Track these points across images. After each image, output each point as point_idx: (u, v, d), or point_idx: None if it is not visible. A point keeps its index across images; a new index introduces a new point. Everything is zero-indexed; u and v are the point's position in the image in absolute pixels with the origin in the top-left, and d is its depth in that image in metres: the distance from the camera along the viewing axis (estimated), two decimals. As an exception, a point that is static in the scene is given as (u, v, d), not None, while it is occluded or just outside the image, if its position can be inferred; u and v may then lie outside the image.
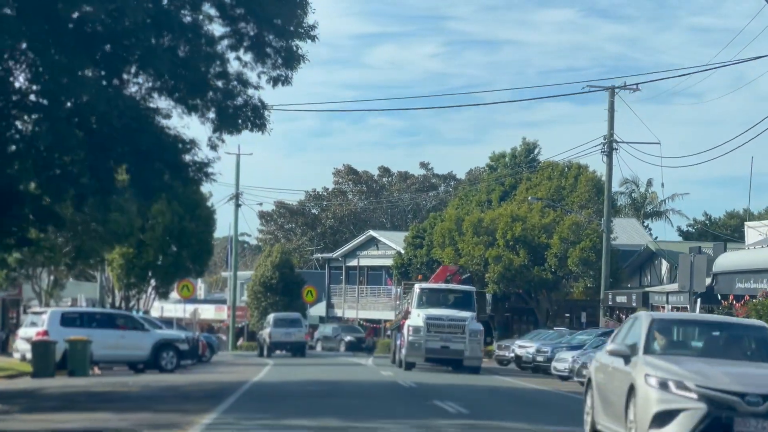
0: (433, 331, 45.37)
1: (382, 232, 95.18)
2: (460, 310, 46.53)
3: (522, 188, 73.42)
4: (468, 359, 45.58)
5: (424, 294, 47.64)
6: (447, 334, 45.57)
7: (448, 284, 53.17)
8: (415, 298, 47.30)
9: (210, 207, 69.23)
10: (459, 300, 47.46)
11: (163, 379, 36.10)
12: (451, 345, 45.36)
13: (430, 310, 46.16)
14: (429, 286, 51.00)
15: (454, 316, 45.81)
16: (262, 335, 67.68)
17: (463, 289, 49.14)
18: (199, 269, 69.86)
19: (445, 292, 48.73)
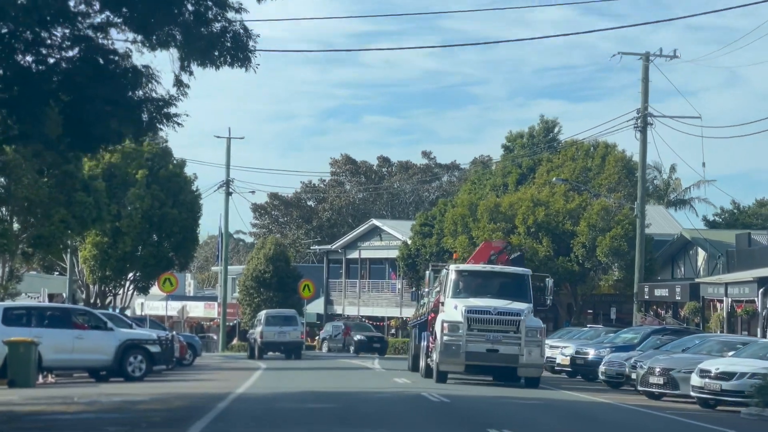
0: (476, 328, 33.86)
1: (385, 221, 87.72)
2: (512, 300, 35.07)
3: (542, 170, 66.12)
4: (524, 367, 34.20)
5: (462, 278, 35.71)
6: (496, 332, 34.04)
7: (494, 266, 38.79)
8: (450, 284, 35.22)
9: (195, 191, 61.96)
10: (509, 286, 35.79)
11: (121, 391, 28.68)
12: (501, 348, 33.92)
13: (472, 301, 34.58)
14: (469, 267, 37.58)
15: (505, 308, 34.32)
16: (253, 335, 60.30)
17: (515, 272, 36.90)
18: (183, 261, 62.60)
19: (490, 277, 36.40)
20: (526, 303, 35.14)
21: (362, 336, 67.78)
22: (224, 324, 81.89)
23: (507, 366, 34.26)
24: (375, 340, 68.34)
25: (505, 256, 41.84)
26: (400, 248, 71.66)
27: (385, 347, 67.98)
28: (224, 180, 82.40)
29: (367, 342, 67.35)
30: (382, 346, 67.57)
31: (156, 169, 60.01)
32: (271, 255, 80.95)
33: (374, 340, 68.14)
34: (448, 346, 33.59)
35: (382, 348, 67.27)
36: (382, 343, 68.25)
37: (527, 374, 34.49)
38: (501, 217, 63.04)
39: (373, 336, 68.94)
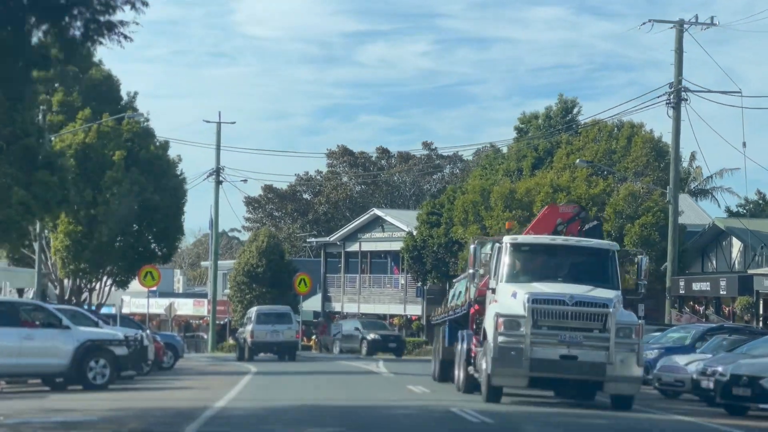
0: (545, 326, 24.20)
1: (388, 210, 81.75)
2: (593, 285, 25.13)
3: (561, 153, 60.29)
4: (614, 381, 24.29)
5: (522, 255, 26.03)
6: (573, 331, 24.13)
7: (568, 237, 28.18)
8: (504, 264, 25.55)
9: (179, 175, 56.07)
10: (588, 266, 25.88)
11: (70, 405, 22.81)
12: (580, 353, 24.15)
13: (538, 286, 24.78)
14: (532, 240, 27.21)
15: (586, 297, 24.55)
16: (243, 334, 54.40)
17: (597, 247, 26.52)
18: (167, 252, 56.66)
19: (562, 253, 26.18)
20: (613, 290, 25.19)
21: (376, 335, 60.94)
22: (214, 322, 76.08)
23: (590, 380, 24.54)
24: (390, 339, 61.59)
25: (576, 226, 30.58)
26: (404, 239, 65.80)
27: (402, 347, 61.54)
28: (214, 168, 76.71)
29: (382, 342, 60.70)
30: (399, 346, 61.03)
31: (136, 150, 54.22)
32: (264, 248, 75.18)
33: (390, 340, 61.40)
34: (504, 350, 23.91)
35: (398, 348, 60.85)
36: (398, 342, 61.75)
37: (617, 390, 24.52)
38: (517, 204, 57.26)
39: (389, 335, 62.27)
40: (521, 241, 26.71)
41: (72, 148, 52.07)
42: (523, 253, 26.14)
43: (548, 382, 25.02)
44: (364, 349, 60.31)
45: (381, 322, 66.48)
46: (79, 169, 52.18)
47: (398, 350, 60.63)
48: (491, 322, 24.45)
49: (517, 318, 24.11)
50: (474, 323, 27.54)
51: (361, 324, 62.68)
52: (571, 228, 30.51)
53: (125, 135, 53.98)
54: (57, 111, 54.08)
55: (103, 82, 55.23)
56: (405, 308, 71.64)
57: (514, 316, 24.19)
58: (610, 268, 26.15)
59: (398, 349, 60.69)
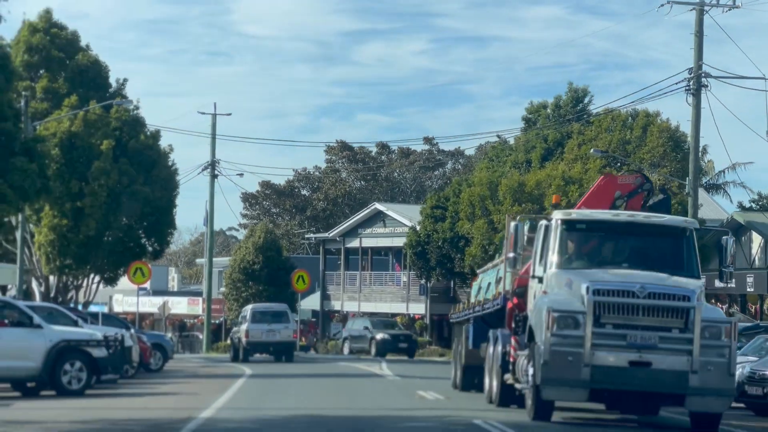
0: (609, 323, 19.28)
1: (390, 204, 78.68)
2: (668, 272, 20.08)
3: (572, 144, 57.40)
4: (698, 396, 19.34)
5: (578, 236, 21.14)
6: (645, 331, 19.19)
7: (633, 213, 22.57)
8: (554, 245, 20.71)
9: (171, 166, 53.10)
10: (659, 250, 20.90)
11: (33, 416, 19.93)
12: (655, 359, 19.24)
13: (599, 274, 19.84)
14: (591, 216, 21.82)
15: (661, 287, 19.55)
16: (237, 333, 51.46)
17: (672, 225, 21.22)
18: (158, 247, 53.75)
19: (627, 232, 21.12)
20: (693, 278, 20.23)
21: (385, 335, 57.59)
22: (209, 321, 73.15)
23: (668, 393, 19.48)
24: (401, 338, 58.14)
25: (639, 200, 24.90)
26: (407, 235, 62.87)
27: (414, 347, 58.21)
28: (209, 161, 73.90)
29: (392, 342, 57.26)
30: (410, 346, 57.69)
31: (125, 140, 51.36)
32: (260, 244, 72.26)
33: (400, 339, 57.95)
34: (558, 355, 19.02)
35: (410, 348, 57.55)
36: (410, 342, 58.33)
37: (702, 407, 19.45)
38: (526, 198, 54.40)
39: (399, 334, 58.75)
40: (577, 217, 21.38)
41: (57, 137, 49.27)
42: (579, 233, 21.01)
43: (615, 397, 19.74)
44: (373, 350, 57.25)
45: (392, 321, 63.19)
46: (65, 159, 49.40)
47: (410, 350, 57.44)
48: (540, 318, 19.42)
49: (574, 314, 19.10)
50: (512, 320, 22.30)
51: (371, 323, 59.31)
52: (632, 203, 24.72)
53: (113, 123, 51.15)
54: (41, 98, 51.26)
55: (90, 67, 52.34)
56: (408, 307, 68.73)
57: (570, 312, 19.14)
58: (689, 251, 20.82)
59: (409, 350, 57.47)
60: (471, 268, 56.93)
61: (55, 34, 52.33)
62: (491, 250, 54.90)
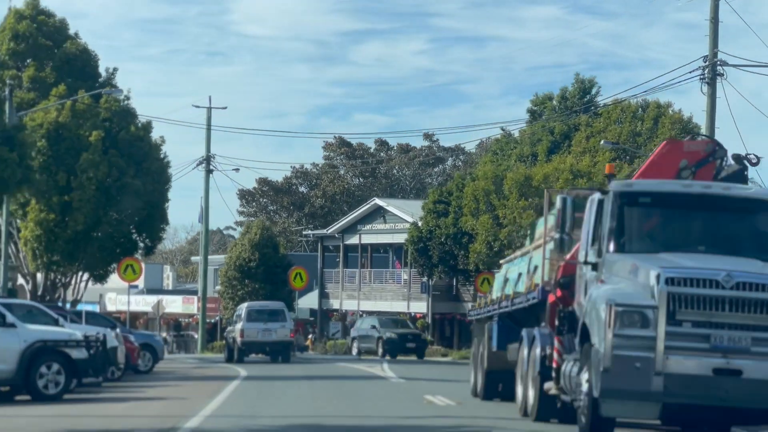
0: (688, 320, 15.15)
1: (390, 200, 76.58)
2: (755, 257, 15.92)
3: (580, 137, 55.35)
4: None
5: (640, 211, 16.91)
6: (733, 330, 15.10)
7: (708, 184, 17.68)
8: (612, 223, 16.47)
9: (163, 159, 51.03)
10: (741, 229, 16.94)
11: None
12: (747, 366, 15.10)
13: (671, 259, 15.75)
14: (655, 187, 17.28)
15: (752, 276, 15.29)
16: (232, 333, 49.33)
17: (754, 197, 17.09)
18: (150, 243, 51.73)
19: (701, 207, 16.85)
20: None
21: (393, 334, 55.03)
22: (204, 320, 71.18)
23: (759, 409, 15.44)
24: (409, 338, 55.65)
25: (710, 170, 19.54)
26: (409, 230, 60.75)
27: (423, 347, 55.78)
28: (204, 156, 72.02)
29: (399, 341, 54.77)
30: (419, 346, 55.30)
31: (115, 131, 49.35)
32: (257, 241, 70.16)
33: (408, 339, 55.46)
34: (623, 361, 15.00)
35: (419, 348, 55.16)
36: (418, 342, 55.87)
37: None
38: (533, 192, 52.29)
39: (406, 333, 56.16)
40: (640, 188, 17.07)
41: (44, 128, 47.32)
42: (643, 209, 16.80)
43: (694, 413, 15.64)
44: (380, 350, 54.98)
45: (402, 320, 60.79)
46: (52, 151, 47.41)
47: (418, 351, 55.07)
48: (598, 314, 15.37)
49: (642, 309, 15.03)
50: (555, 317, 18.13)
51: (379, 322, 56.87)
52: (701, 174, 19.37)
53: (103, 114, 49.17)
54: (28, 88, 49.21)
55: (78, 56, 50.25)
56: (409, 305, 66.57)
57: (637, 306, 15.03)
58: None
59: (418, 350, 55.08)
60: (476, 265, 54.89)
61: (43, 22, 50.27)
62: (496, 246, 52.88)
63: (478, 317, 26.52)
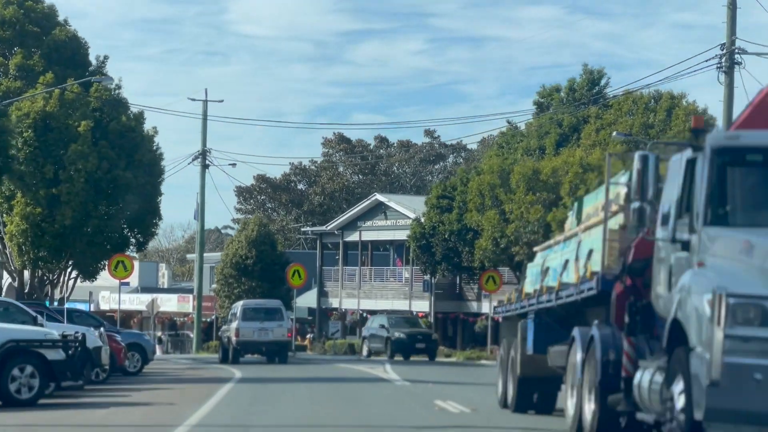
0: None
1: (391, 195, 74.39)
2: None
3: (589, 129, 53.22)
4: None
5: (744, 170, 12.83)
6: None
7: None
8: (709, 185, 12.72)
9: (155, 150, 48.94)
10: None
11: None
12: None
13: None
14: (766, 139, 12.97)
15: None
16: (227, 332, 47.17)
17: None
18: (142, 239, 49.67)
19: None
20: None
21: (401, 334, 52.19)
22: (199, 319, 69.03)
23: None
24: (419, 338, 52.44)
25: None
26: (411, 227, 58.61)
27: (434, 348, 52.67)
28: (200, 150, 69.93)
29: (408, 341, 51.62)
30: (429, 347, 52.10)
31: (105, 121, 47.33)
32: (253, 237, 67.97)
33: (418, 339, 52.22)
34: (737, 371, 11.22)
35: (429, 349, 52.06)
36: (429, 342, 52.59)
37: None
38: (541, 186, 50.19)
39: (416, 333, 52.89)
40: (748, 141, 13.01)
41: (30, 117, 45.26)
42: (751, 169, 12.93)
43: None
44: (388, 350, 52.17)
45: (414, 318, 58.17)
46: (39, 142, 45.36)
47: (429, 351, 52.02)
48: (700, 307, 11.62)
49: (764, 301, 11.27)
50: (625, 313, 14.65)
51: (388, 320, 54.06)
52: None
53: (93, 103, 47.14)
54: (15, 76, 47.16)
55: (67, 43, 48.19)
56: (410, 304, 64.41)
57: (758, 298, 11.28)
58: None
59: (429, 350, 52.01)
60: (481, 263, 52.78)
61: (30, 8, 48.20)
62: (503, 242, 50.77)
63: (507, 315, 22.66)
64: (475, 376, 35.12)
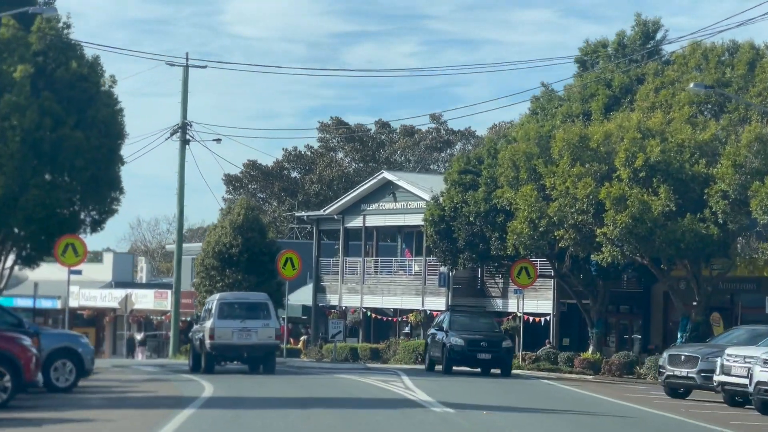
0: None
1: (401, 173, 64.44)
2: None
3: (646, 89, 43.66)
4: None
5: None
6: None
7: None
8: None
9: (114, 106, 39.30)
10: None
11: None
12: None
13: None
14: None
15: None
16: (199, 333, 37.20)
17: None
18: (97, 216, 40.05)
19: None
20: None
21: (458, 338, 39.14)
22: (177, 318, 59.53)
23: None
24: (482, 345, 38.99)
25: None
26: (429, 208, 48.86)
27: (507, 358, 39.20)
28: (179, 123, 60.83)
29: (467, 350, 38.53)
30: (499, 357, 38.70)
31: (50, 68, 37.96)
32: (240, 223, 58.50)
33: (480, 346, 38.97)
34: None
35: (498, 360, 38.84)
36: (497, 350, 38.88)
37: None
38: (590, 156, 40.80)
39: (479, 339, 39.33)
40: None
41: (-48, 59, 35.57)
42: None
43: None
44: (444, 361, 39.37)
45: (487, 318, 43.86)
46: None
47: (499, 363, 38.97)
48: None
49: None
50: None
51: (449, 320, 40.96)
52: None
53: (35, 46, 37.82)
54: (-64, 11, 37.51)
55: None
56: (423, 301, 54.59)
57: None
58: None
59: (498, 362, 38.90)
60: (515, 249, 43.22)
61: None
62: (542, 225, 41.28)
63: None
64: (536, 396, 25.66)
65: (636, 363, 43.63)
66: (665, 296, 49.78)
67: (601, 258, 40.41)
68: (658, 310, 50.67)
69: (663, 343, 48.91)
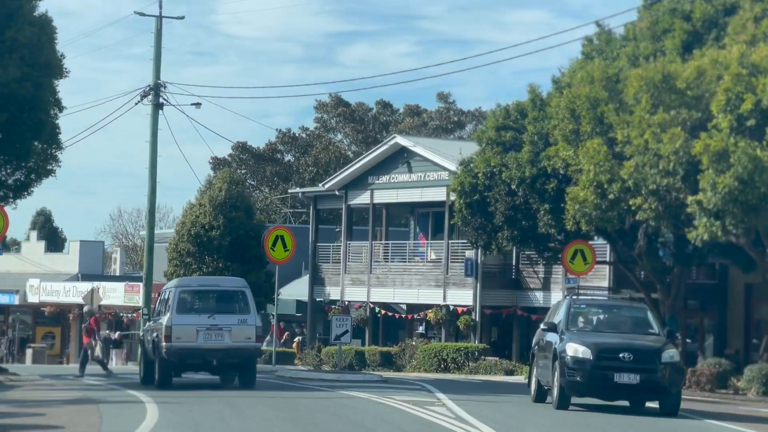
0: None
1: (419, 139, 54.08)
2: None
3: (740, 20, 33.82)
4: None
5: None
6: None
7: None
8: None
9: (44, 23, 29.36)
10: None
11: None
12: None
13: None
14: None
15: None
16: (153, 332, 27.04)
17: None
18: (20, 176, 30.09)
19: None
20: None
21: (580, 348, 22.89)
22: (149, 314, 49.48)
23: None
24: (624, 359, 22.98)
25: None
26: (457, 176, 38.60)
27: (669, 386, 22.79)
28: (151, 83, 51.96)
29: (598, 367, 22.73)
30: (652, 381, 22.60)
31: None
32: (221, 200, 48.82)
33: (625, 367, 23.03)
34: None
35: (656, 386, 22.77)
36: (652, 371, 22.90)
37: None
38: (677, 101, 30.93)
39: (617, 346, 23.10)
40: None
41: None
42: None
43: None
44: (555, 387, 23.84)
45: (635, 309, 24.77)
46: None
47: (658, 392, 23.18)
48: None
49: None
50: None
51: (567, 310, 24.38)
52: None
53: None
54: None
55: None
56: (445, 295, 44.46)
57: None
58: None
59: (656, 390, 23.06)
60: (575, 225, 33.19)
61: None
62: (613, 191, 31.35)
63: None
64: None
65: (731, 373, 33.78)
66: (747, 289, 40.27)
67: (695, 235, 30.41)
68: (738, 306, 41.18)
69: (744, 348, 40.03)
